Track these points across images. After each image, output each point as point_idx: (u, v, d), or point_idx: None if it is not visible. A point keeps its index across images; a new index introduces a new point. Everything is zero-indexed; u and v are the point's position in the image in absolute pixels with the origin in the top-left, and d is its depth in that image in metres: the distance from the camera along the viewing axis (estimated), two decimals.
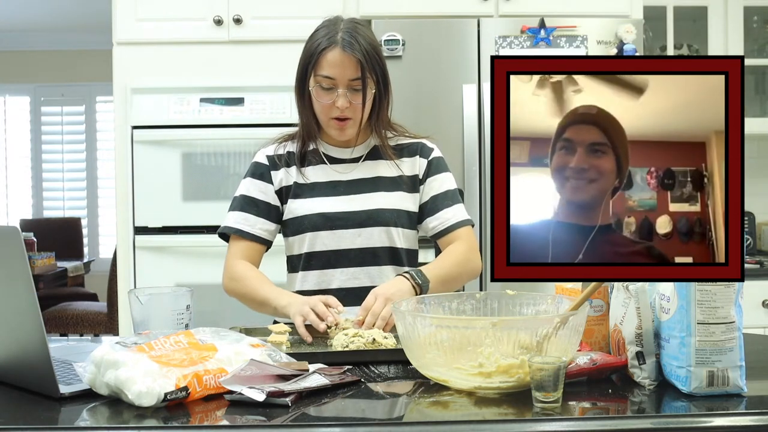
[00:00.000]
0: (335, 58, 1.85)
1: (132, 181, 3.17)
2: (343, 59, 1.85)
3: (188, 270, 3.15)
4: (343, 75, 1.85)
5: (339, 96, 1.86)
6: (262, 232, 1.96)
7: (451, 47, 3.09)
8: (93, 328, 4.97)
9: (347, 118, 1.89)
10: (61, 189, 7.13)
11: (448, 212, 1.96)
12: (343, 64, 1.85)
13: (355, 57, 1.85)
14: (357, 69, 1.85)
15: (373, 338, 1.58)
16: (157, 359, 1.27)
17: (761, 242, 3.90)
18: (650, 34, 3.63)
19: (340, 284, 1.93)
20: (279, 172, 1.99)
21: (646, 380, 1.34)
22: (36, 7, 5.97)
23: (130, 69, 3.21)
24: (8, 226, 1.32)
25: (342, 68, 1.85)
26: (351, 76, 1.86)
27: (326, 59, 1.85)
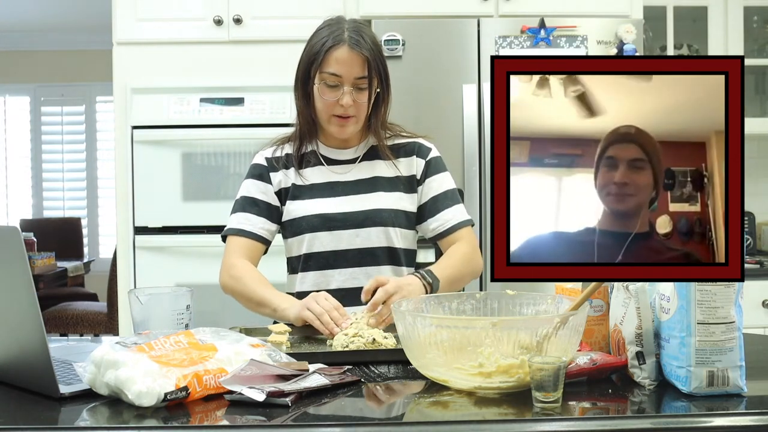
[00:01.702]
0: (343, 56, 1.85)
1: (132, 181, 3.17)
2: (350, 57, 1.85)
3: (188, 270, 3.15)
4: (349, 73, 1.86)
5: (344, 93, 1.86)
6: (262, 232, 1.96)
7: (451, 47, 3.09)
8: (93, 328, 4.97)
9: (350, 116, 1.90)
10: (61, 189, 7.13)
11: (448, 213, 1.96)
12: (350, 61, 1.85)
13: (362, 55, 1.85)
14: (364, 67, 1.86)
15: (373, 338, 1.58)
16: (157, 359, 1.27)
17: (761, 242, 3.90)
18: (650, 34, 3.63)
19: (339, 285, 1.93)
20: (277, 174, 1.99)
21: (646, 380, 1.34)
22: (36, 7, 5.97)
23: (130, 69, 3.21)
24: (8, 226, 1.32)
25: (349, 66, 1.85)
26: (357, 74, 1.86)
27: (333, 57, 1.86)
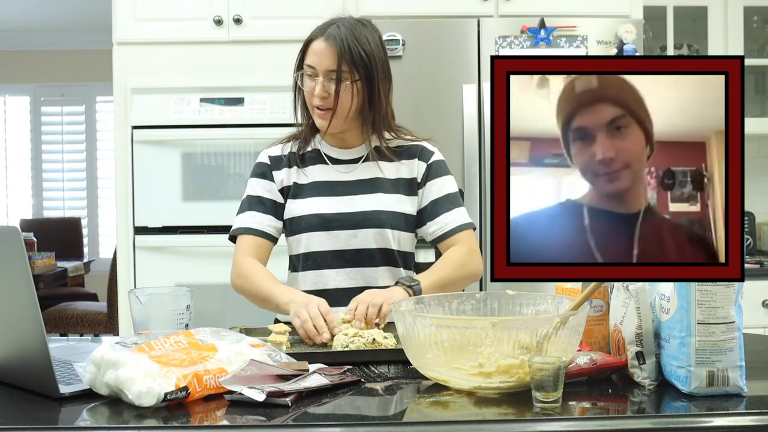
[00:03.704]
0: (318, 47, 1.89)
1: (132, 181, 3.17)
2: (323, 48, 1.88)
3: (188, 270, 3.14)
4: (320, 64, 1.88)
5: (316, 84, 1.88)
6: (269, 229, 1.97)
7: (451, 47, 3.09)
8: (93, 328, 4.97)
9: (327, 109, 1.90)
10: (61, 189, 7.13)
11: (447, 216, 1.96)
12: (322, 53, 1.88)
13: (334, 47, 1.86)
14: (334, 60, 1.87)
15: (373, 338, 1.58)
16: (157, 359, 1.27)
17: (761, 242, 3.90)
18: (650, 34, 3.63)
19: (336, 285, 1.93)
20: (281, 172, 1.99)
21: (646, 380, 1.34)
22: (36, 7, 5.97)
23: (130, 69, 3.21)
24: (8, 226, 1.32)
25: (320, 57, 1.88)
26: (329, 66, 1.87)
27: (311, 48, 1.90)
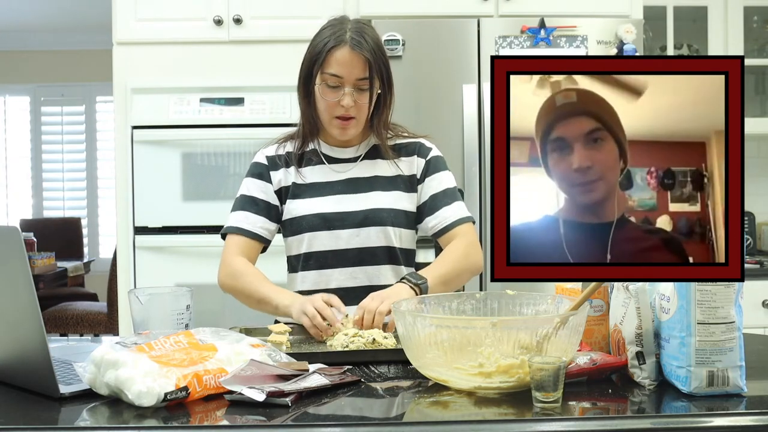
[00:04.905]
0: (344, 57, 1.85)
1: (132, 181, 3.17)
2: (351, 58, 1.85)
3: (188, 270, 3.15)
4: (350, 74, 1.86)
5: (345, 95, 1.86)
6: (261, 231, 1.96)
7: (451, 47, 3.09)
8: (93, 328, 4.97)
9: (351, 118, 1.90)
10: (61, 189, 7.12)
11: (446, 210, 1.96)
12: (351, 62, 1.85)
13: (363, 56, 1.85)
14: (365, 68, 1.86)
15: (373, 338, 1.58)
16: (157, 359, 1.27)
17: (761, 242, 3.90)
18: (650, 34, 3.63)
19: (339, 284, 1.93)
20: (278, 172, 1.99)
21: (646, 380, 1.34)
22: (36, 7, 5.97)
23: (130, 69, 3.21)
24: (8, 226, 1.32)
25: (350, 67, 1.85)
26: (358, 75, 1.86)
27: (334, 57, 1.86)
